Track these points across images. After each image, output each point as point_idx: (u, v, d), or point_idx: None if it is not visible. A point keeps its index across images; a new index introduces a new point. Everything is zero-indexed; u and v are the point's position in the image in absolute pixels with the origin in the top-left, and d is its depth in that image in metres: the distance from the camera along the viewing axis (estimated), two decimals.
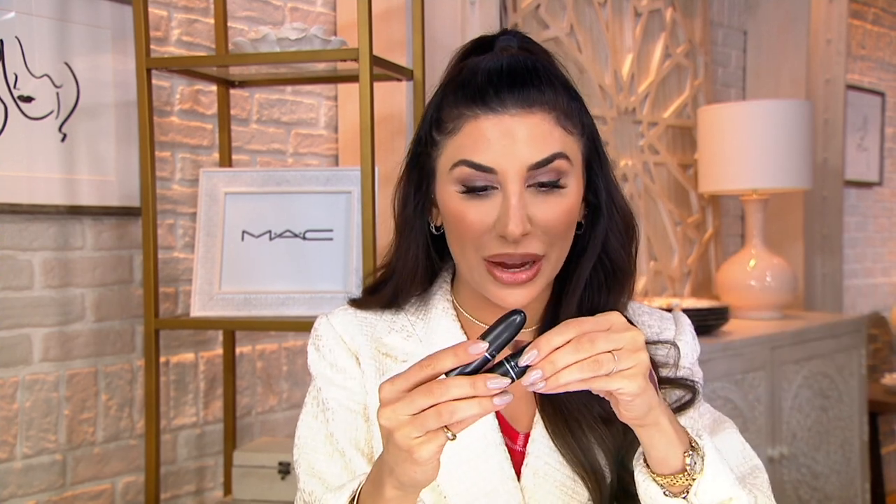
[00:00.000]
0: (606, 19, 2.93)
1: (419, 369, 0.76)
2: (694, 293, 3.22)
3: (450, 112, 0.95)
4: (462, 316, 1.04)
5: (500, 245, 0.92)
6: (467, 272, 0.97)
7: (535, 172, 0.92)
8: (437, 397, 0.74)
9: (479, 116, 0.92)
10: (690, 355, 1.09)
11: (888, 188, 4.45)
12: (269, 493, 1.85)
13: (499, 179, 0.92)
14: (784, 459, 2.60)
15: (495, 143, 0.91)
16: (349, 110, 2.27)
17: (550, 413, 0.99)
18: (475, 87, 0.93)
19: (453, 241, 0.97)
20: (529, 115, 0.92)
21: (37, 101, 1.76)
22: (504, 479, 0.98)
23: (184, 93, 2.02)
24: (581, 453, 0.97)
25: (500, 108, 0.92)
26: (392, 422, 0.75)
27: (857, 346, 2.97)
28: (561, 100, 0.94)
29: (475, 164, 0.92)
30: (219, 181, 1.85)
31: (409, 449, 0.75)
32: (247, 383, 2.13)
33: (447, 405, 0.74)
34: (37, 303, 1.78)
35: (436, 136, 0.97)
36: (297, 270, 1.80)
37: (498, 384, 0.74)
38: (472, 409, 0.74)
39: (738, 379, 2.46)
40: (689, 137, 3.25)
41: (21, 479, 1.76)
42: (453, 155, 0.94)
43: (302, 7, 2.23)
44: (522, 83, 0.93)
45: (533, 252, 0.92)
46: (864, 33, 4.26)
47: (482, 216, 0.92)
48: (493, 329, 0.76)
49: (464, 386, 0.74)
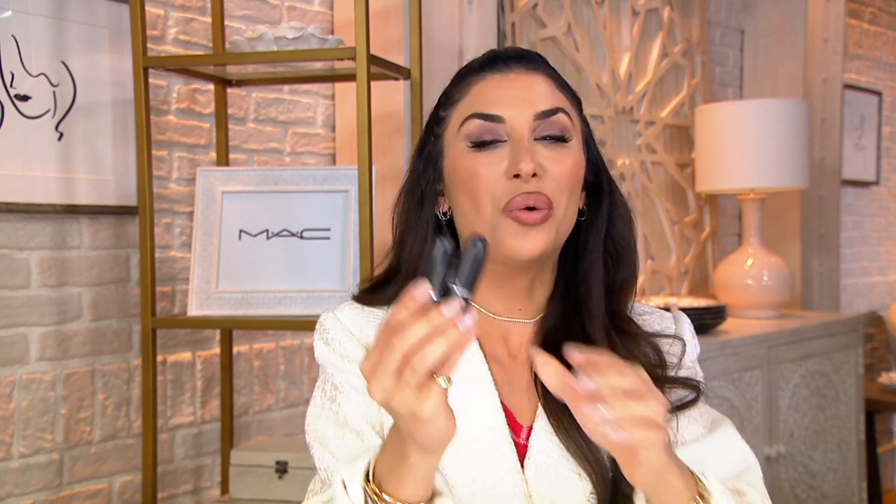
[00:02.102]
0: (604, 18, 2.93)
1: (382, 334, 0.74)
2: (691, 292, 3.22)
3: (456, 87, 1.02)
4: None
5: (514, 187, 0.95)
6: (482, 230, 0.97)
7: (542, 123, 0.97)
8: (400, 348, 0.72)
9: (486, 77, 1.00)
10: (691, 354, 1.09)
11: (885, 187, 4.46)
12: (266, 492, 1.85)
13: (506, 130, 0.96)
14: (781, 458, 2.61)
15: (503, 95, 0.98)
16: (346, 109, 2.27)
17: (554, 406, 0.99)
18: (481, 62, 1.02)
19: (466, 202, 0.98)
20: (534, 75, 1.00)
21: (33, 100, 1.76)
22: (510, 472, 0.97)
23: (181, 92, 2.01)
24: (585, 446, 0.97)
25: (505, 69, 1.00)
26: (382, 394, 0.74)
27: (853, 345, 2.97)
28: (559, 77, 1.03)
29: (484, 115, 0.97)
30: (216, 180, 1.85)
31: (410, 412, 0.74)
32: (244, 382, 2.13)
33: (418, 356, 0.71)
34: (33, 302, 1.78)
35: (442, 112, 1.03)
36: (295, 269, 1.80)
37: (451, 310, 0.71)
38: (440, 346, 0.71)
39: (735, 378, 2.46)
40: (686, 137, 3.26)
41: (18, 478, 1.76)
42: (462, 115, 0.99)
43: (299, 6, 2.22)
44: (525, 56, 1.02)
45: (544, 192, 0.95)
46: (861, 32, 4.26)
47: (493, 166, 0.96)
48: (461, 266, 0.72)
49: (421, 325, 0.71)
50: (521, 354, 1.04)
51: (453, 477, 0.96)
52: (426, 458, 0.80)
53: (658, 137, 3.14)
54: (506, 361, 1.04)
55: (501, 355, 1.04)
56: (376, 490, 0.81)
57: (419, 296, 0.72)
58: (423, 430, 0.76)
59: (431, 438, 0.77)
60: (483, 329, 1.03)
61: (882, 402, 3.58)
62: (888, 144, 4.47)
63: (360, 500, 0.81)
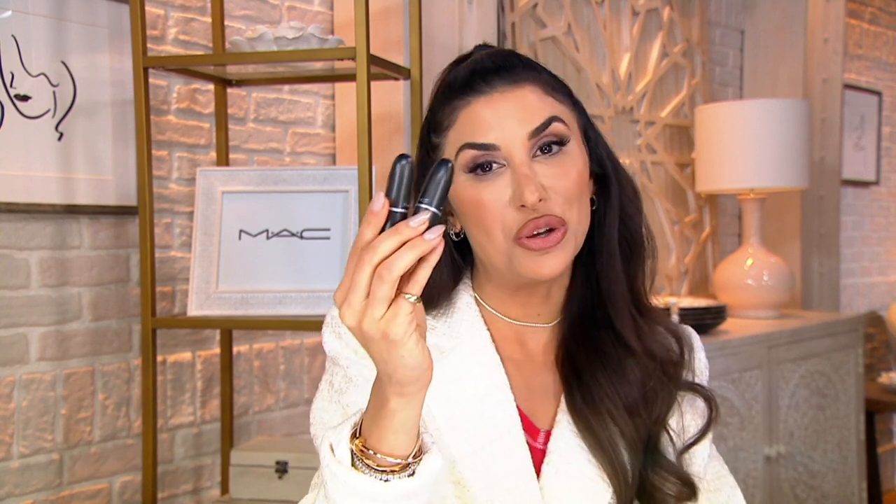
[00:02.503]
0: (604, 18, 2.93)
1: (350, 257, 0.74)
2: (691, 292, 3.22)
3: (443, 111, 0.99)
4: (485, 311, 1.04)
5: (522, 216, 0.93)
6: (496, 257, 0.97)
7: (536, 140, 0.94)
8: (370, 263, 0.72)
9: (471, 102, 0.96)
10: (704, 371, 1.09)
11: (885, 187, 4.46)
12: (266, 492, 1.85)
13: (503, 155, 0.94)
14: (781, 458, 2.61)
15: (492, 121, 0.95)
16: (346, 109, 2.27)
17: (578, 409, 0.99)
18: (462, 81, 0.98)
19: (477, 231, 0.97)
20: (518, 90, 0.96)
21: (33, 100, 1.76)
22: (526, 479, 0.97)
23: (181, 92, 2.01)
24: (608, 445, 0.97)
25: (488, 90, 0.96)
26: (353, 318, 0.73)
27: (853, 344, 2.97)
28: (544, 76, 0.99)
29: (477, 145, 0.95)
30: (216, 180, 1.85)
31: (382, 335, 0.74)
32: (244, 382, 2.13)
33: (385, 264, 0.72)
34: (33, 302, 1.78)
35: (434, 139, 1.00)
36: (295, 269, 1.80)
37: (418, 220, 0.72)
38: (408, 254, 0.71)
39: (735, 378, 2.46)
40: (686, 137, 3.26)
41: (18, 478, 1.76)
42: (455, 144, 0.97)
43: (299, 6, 2.22)
44: (505, 65, 0.97)
45: (553, 213, 0.93)
46: (861, 32, 4.26)
47: (497, 195, 0.94)
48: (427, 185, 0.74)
49: (389, 237, 0.72)
50: (538, 358, 1.04)
51: (470, 479, 0.96)
52: (405, 401, 0.78)
53: (658, 137, 3.14)
54: (523, 365, 1.03)
55: (518, 359, 1.03)
56: (362, 446, 0.80)
57: (377, 207, 0.73)
58: (395, 357, 0.75)
59: (406, 368, 0.76)
60: (499, 332, 1.03)
61: (882, 402, 3.58)
62: (888, 144, 4.47)
63: (348, 459, 0.80)
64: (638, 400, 0.98)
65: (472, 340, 1.01)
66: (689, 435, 1.02)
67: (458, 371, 0.99)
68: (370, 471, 0.79)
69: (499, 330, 1.03)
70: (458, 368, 0.99)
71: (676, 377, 1.03)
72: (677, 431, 1.02)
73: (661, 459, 1.00)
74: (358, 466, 0.80)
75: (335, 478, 0.80)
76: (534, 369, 1.03)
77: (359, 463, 0.80)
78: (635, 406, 0.97)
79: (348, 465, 0.80)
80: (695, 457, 1.04)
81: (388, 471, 0.79)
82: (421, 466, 0.80)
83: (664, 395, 1.01)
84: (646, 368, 1.00)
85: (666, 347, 1.03)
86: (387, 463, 0.79)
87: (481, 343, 1.01)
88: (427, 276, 0.73)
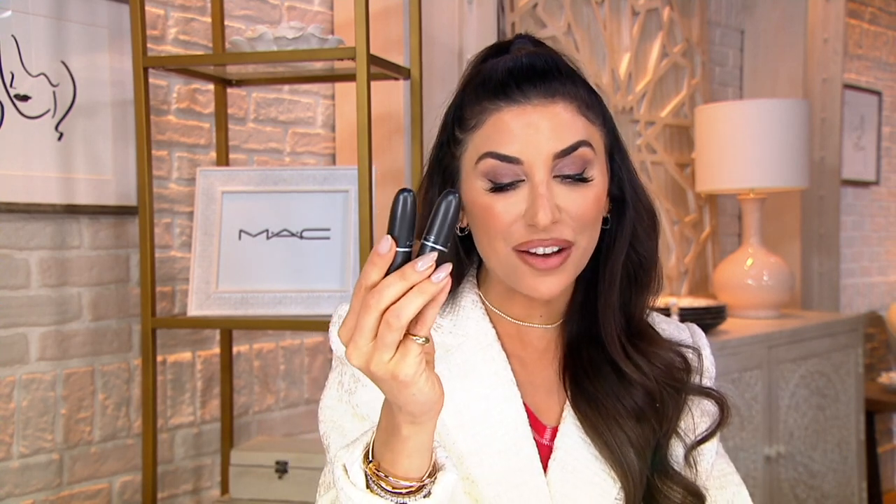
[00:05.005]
0: (604, 18, 2.93)
1: (355, 296, 0.73)
2: (691, 292, 3.22)
3: (472, 109, 0.97)
4: (489, 309, 1.04)
5: (529, 232, 0.93)
6: (497, 265, 0.97)
7: (560, 162, 0.93)
8: (377, 307, 0.70)
9: (502, 108, 0.94)
10: (711, 369, 1.09)
11: (885, 187, 4.46)
12: (266, 492, 1.85)
13: (524, 170, 0.93)
14: (781, 458, 2.61)
15: (519, 134, 0.92)
16: (346, 109, 2.27)
17: (584, 405, 0.99)
18: (496, 82, 0.95)
19: (481, 235, 0.97)
20: (552, 105, 0.93)
21: (33, 100, 1.76)
22: (533, 475, 0.97)
23: (181, 92, 2.01)
24: (616, 447, 0.97)
25: (522, 100, 0.93)
26: (360, 358, 0.72)
27: (853, 345, 2.97)
28: (581, 91, 0.96)
29: (501, 156, 0.93)
30: (216, 180, 1.85)
31: (391, 375, 0.72)
32: (244, 382, 2.13)
33: (392, 310, 0.70)
34: (33, 302, 1.78)
35: (458, 134, 0.98)
36: (295, 269, 1.80)
37: (425, 263, 0.70)
38: (416, 299, 0.70)
39: (735, 378, 2.46)
40: (686, 137, 3.26)
41: (18, 478, 1.76)
42: (478, 149, 0.95)
43: (299, 6, 2.22)
44: (543, 76, 0.95)
45: (563, 237, 0.93)
46: (861, 32, 4.26)
47: (510, 207, 0.93)
48: (431, 221, 0.71)
49: (395, 283, 0.70)
50: (542, 356, 1.04)
51: (478, 476, 0.96)
52: (417, 429, 0.77)
53: (658, 137, 3.14)
54: (528, 362, 1.03)
55: (523, 356, 1.03)
56: (376, 469, 0.79)
57: (383, 250, 0.71)
58: (406, 395, 0.74)
59: (417, 404, 0.75)
60: (503, 330, 1.03)
61: (882, 402, 3.58)
62: (888, 144, 4.47)
63: (362, 482, 0.79)
64: (644, 406, 0.98)
65: (478, 338, 1.01)
66: (698, 433, 1.03)
67: (464, 368, 0.99)
68: (386, 494, 0.79)
69: (503, 328, 1.03)
70: (463, 366, 1.00)
71: (685, 384, 1.03)
72: (686, 430, 1.02)
73: (669, 468, 1.00)
74: (373, 489, 0.79)
75: (351, 501, 0.79)
76: (538, 367, 1.04)
77: (374, 485, 0.79)
78: (642, 412, 0.97)
79: (363, 488, 0.79)
80: (703, 454, 1.04)
81: (405, 492, 0.79)
82: (436, 486, 0.80)
83: (672, 404, 1.01)
84: (647, 385, 1.00)
85: (667, 361, 1.02)
86: (402, 486, 0.79)
87: (487, 340, 1.01)
88: (435, 316, 0.72)
